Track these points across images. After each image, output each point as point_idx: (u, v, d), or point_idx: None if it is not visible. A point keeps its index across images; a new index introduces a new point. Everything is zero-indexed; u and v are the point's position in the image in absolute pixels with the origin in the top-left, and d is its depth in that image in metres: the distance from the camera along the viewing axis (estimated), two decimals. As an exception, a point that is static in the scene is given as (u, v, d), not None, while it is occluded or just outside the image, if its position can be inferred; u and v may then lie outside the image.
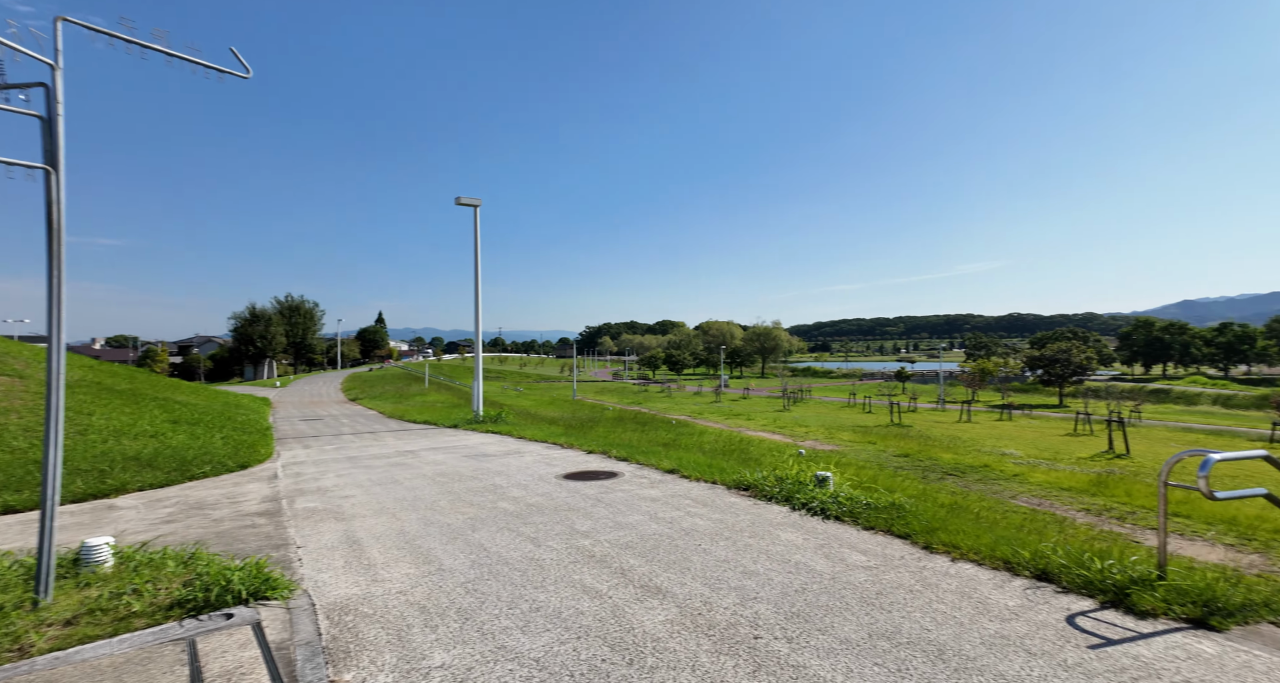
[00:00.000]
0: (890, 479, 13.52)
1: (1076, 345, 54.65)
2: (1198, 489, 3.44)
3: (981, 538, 4.65)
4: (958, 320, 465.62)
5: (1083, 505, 11.98)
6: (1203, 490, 3.40)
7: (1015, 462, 17.23)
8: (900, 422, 30.82)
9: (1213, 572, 3.94)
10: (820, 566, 4.27)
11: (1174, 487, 3.71)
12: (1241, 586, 3.64)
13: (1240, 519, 9.99)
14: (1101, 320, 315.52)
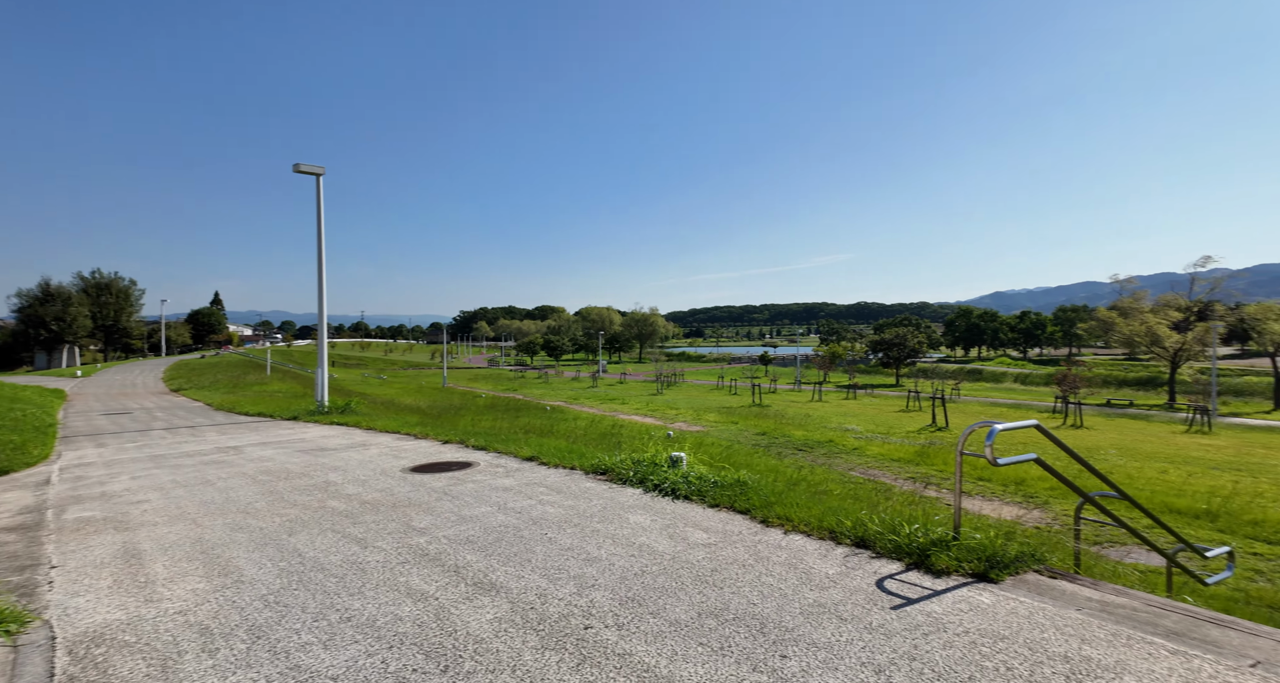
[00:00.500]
0: (747, 457, 14.29)
1: (910, 331, 61.47)
2: (985, 457, 3.83)
3: (812, 510, 4.93)
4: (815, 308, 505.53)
5: (908, 474, 13.41)
6: (988, 458, 3.79)
7: (856, 436, 18.92)
8: (761, 402, 32.86)
9: (995, 529, 4.45)
10: (663, 546, 4.28)
11: (969, 455, 4.12)
12: (1015, 540, 4.13)
13: (1028, 480, 11.70)
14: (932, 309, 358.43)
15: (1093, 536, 8.43)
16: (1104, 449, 17.20)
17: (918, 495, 10.22)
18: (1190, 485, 11.44)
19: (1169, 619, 3.04)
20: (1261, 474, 12.97)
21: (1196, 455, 16.42)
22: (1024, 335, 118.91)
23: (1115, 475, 12.19)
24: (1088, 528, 8.61)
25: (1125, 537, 7.17)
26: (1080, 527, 4.75)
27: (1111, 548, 7.96)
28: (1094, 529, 8.54)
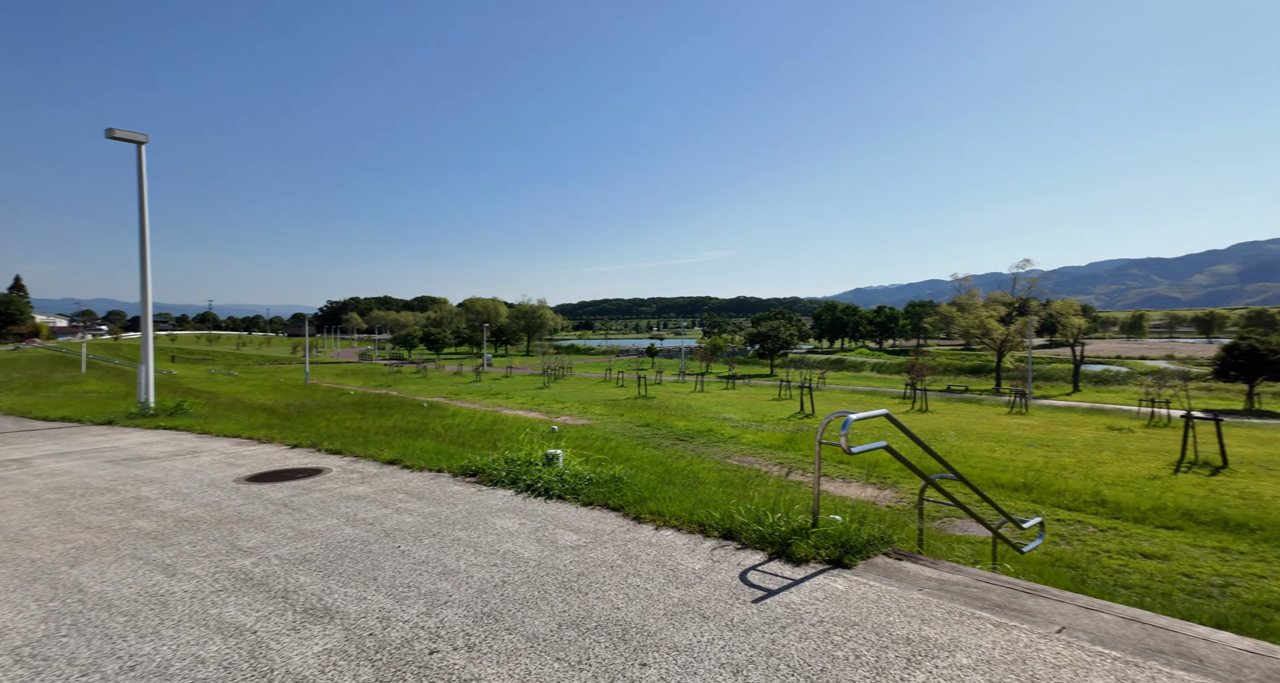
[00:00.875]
0: (630, 449, 14.35)
1: (783, 325, 65.42)
2: (840, 446, 3.98)
3: (683, 503, 4.91)
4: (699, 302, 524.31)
5: (778, 460, 14.13)
6: (843, 447, 3.94)
7: (733, 425, 19.67)
8: (646, 394, 33.37)
9: (851, 512, 4.68)
10: (530, 552, 4.04)
11: (827, 445, 4.27)
12: (868, 524, 4.36)
13: (882, 463, 12.72)
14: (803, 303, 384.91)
15: (938, 513, 9.31)
16: (944, 431, 19.22)
17: (785, 480, 10.77)
18: (1012, 461, 13.03)
19: (994, 593, 3.30)
20: (1064, 449, 15.13)
21: (1016, 434, 18.83)
22: (880, 328, 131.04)
23: (953, 456, 13.63)
24: (933, 506, 9.49)
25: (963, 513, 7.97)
26: (924, 507, 5.11)
27: (951, 522, 8.82)
28: (938, 507, 9.43)
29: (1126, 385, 47.21)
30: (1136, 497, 9.48)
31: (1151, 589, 6.11)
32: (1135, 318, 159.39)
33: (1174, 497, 9.56)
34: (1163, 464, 13.03)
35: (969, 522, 8.51)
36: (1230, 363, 36.17)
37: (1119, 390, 44.42)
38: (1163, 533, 7.88)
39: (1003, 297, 51.61)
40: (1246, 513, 8.32)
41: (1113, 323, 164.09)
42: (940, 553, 5.77)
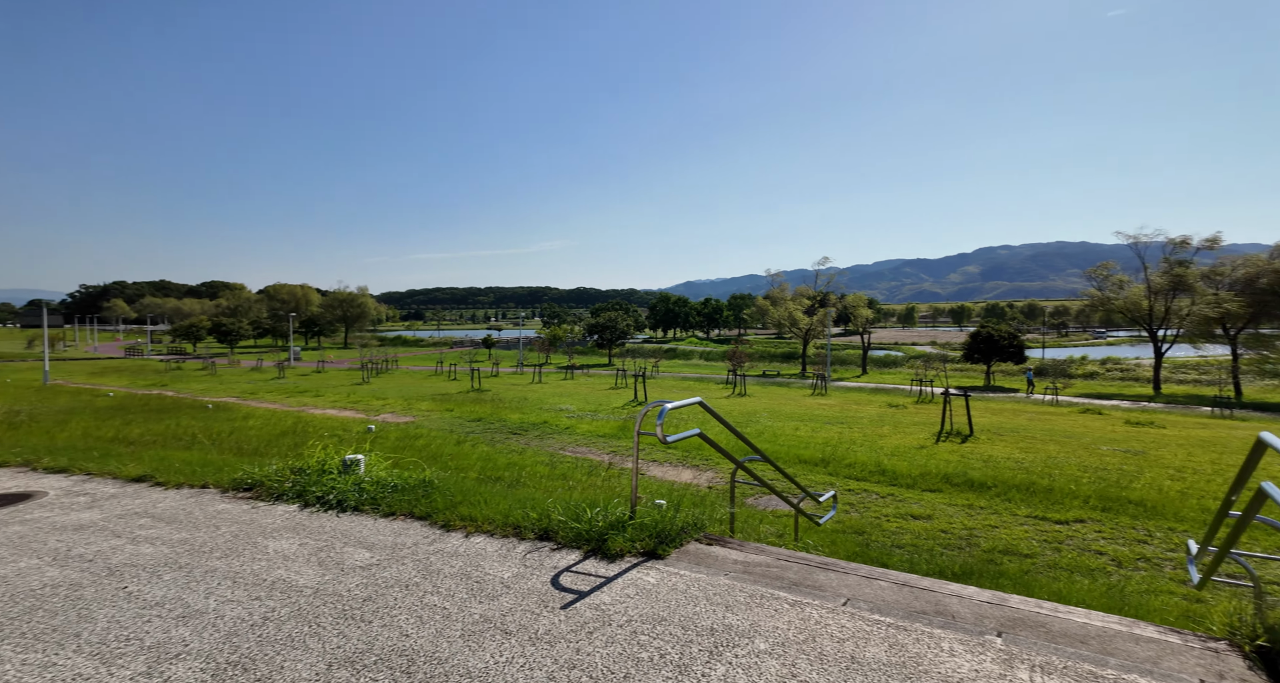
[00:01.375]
0: (457, 447, 13.54)
1: (621, 315, 67.01)
2: (656, 435, 3.93)
3: (499, 505, 4.58)
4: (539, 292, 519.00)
5: (611, 448, 14.27)
6: (659, 436, 3.89)
7: (569, 416, 19.54)
8: (480, 387, 32.05)
9: (670, 498, 4.70)
10: (307, 578, 3.44)
11: (644, 435, 4.21)
12: (683, 509, 4.40)
13: (705, 445, 13.39)
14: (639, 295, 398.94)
15: (753, 491, 9.98)
16: (759, 413, 20.92)
17: (617, 469, 10.87)
18: (813, 438, 14.49)
19: (791, 571, 3.46)
20: (854, 426, 17.24)
21: (818, 413, 21.09)
22: (708, 319, 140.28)
23: (764, 435, 14.84)
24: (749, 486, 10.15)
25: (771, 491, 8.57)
26: (738, 489, 5.30)
27: (761, 498, 9.51)
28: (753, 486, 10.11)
29: (902, 368, 55.63)
30: (909, 465, 11.00)
31: (919, 547, 7.04)
32: (908, 310, 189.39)
33: (936, 463, 11.26)
34: (928, 435, 15.38)
35: (776, 498, 9.25)
36: (974, 347, 44.20)
37: (896, 372, 52.18)
38: (927, 496, 9.19)
39: (807, 291, 57.84)
40: (986, 474, 10.05)
41: (892, 314, 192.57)
42: (750, 532, 6.11)
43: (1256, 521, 2.91)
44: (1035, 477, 9.93)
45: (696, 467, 11.57)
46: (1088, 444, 14.13)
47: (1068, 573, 6.17)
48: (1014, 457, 11.90)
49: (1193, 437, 16.60)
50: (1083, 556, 6.63)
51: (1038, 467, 10.82)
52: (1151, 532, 7.27)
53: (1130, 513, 7.95)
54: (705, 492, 9.39)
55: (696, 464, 11.79)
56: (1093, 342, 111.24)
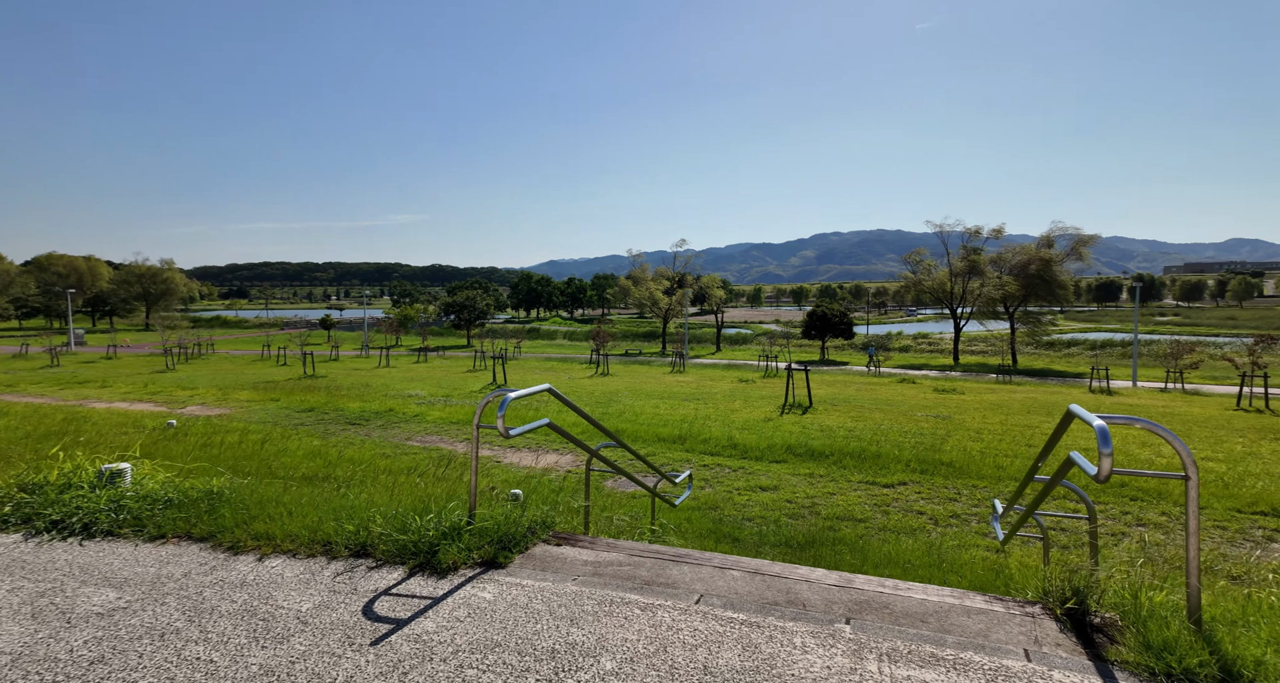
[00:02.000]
0: (280, 442, 11.90)
1: (480, 294, 64.20)
2: (496, 429, 3.47)
3: (307, 516, 3.85)
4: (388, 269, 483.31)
5: (466, 436, 13.44)
6: (500, 430, 3.44)
7: (419, 402, 18.19)
8: (314, 372, 28.88)
9: (521, 493, 4.26)
10: (7, 640, 2.56)
11: (485, 428, 3.73)
12: (532, 505, 4.00)
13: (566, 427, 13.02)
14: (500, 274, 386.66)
15: (613, 475, 9.84)
16: (621, 393, 21.01)
17: (466, 459, 10.17)
18: (672, 416, 14.76)
19: (645, 568, 3.21)
20: (709, 401, 17.90)
21: (676, 391, 21.67)
22: (571, 298, 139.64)
23: (626, 414, 14.85)
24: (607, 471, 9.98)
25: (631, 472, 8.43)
26: (602, 473, 4.98)
27: (621, 479, 9.39)
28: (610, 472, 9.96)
29: (751, 345, 59.50)
30: (757, 438, 11.51)
31: (767, 518, 7.30)
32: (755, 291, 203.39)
33: (781, 435, 11.91)
34: (774, 408, 16.35)
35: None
36: (811, 325, 48.32)
37: (746, 349, 55.66)
38: (774, 467, 9.63)
39: (666, 271, 59.48)
40: (824, 443, 10.79)
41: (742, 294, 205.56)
42: (606, 525, 5.87)
43: (1063, 485, 3.19)
44: (866, 444, 10.86)
45: (559, 450, 11.20)
46: (906, 411, 15.87)
47: (895, 535, 6.71)
48: (847, 426, 12.99)
49: (985, 401, 19.40)
50: (907, 517, 7.27)
51: (867, 434, 11.87)
52: (959, 490, 8.18)
53: (943, 474, 8.91)
54: (567, 477, 9.06)
55: (559, 448, 11.42)
56: (906, 319, 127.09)
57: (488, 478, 9.32)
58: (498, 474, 9.60)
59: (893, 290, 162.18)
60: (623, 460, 10.23)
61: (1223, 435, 11.91)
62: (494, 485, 8.78)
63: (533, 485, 8.58)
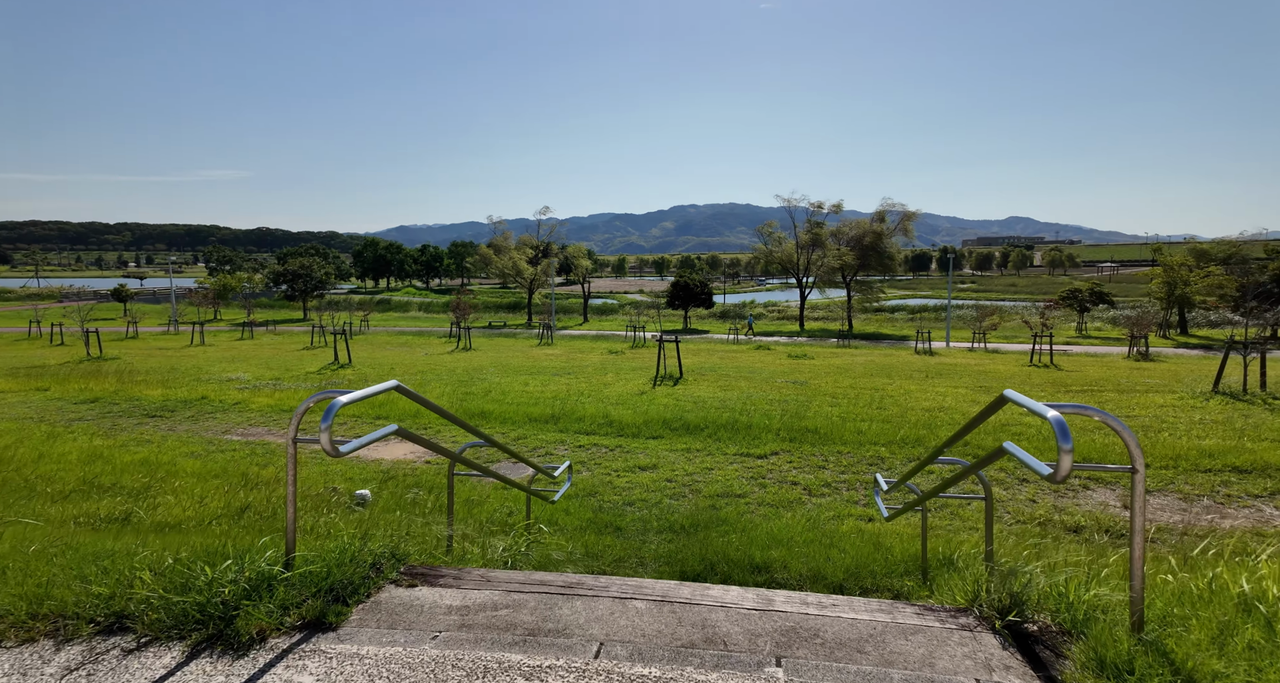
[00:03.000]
0: (43, 445, 9.45)
1: (317, 261, 57.63)
2: (321, 446, 2.59)
3: (28, 579, 2.71)
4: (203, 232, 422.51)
5: (302, 425, 11.68)
6: (325, 446, 2.57)
7: (241, 386, 15.70)
8: (101, 354, 23.97)
9: (369, 493, 3.40)
10: None
11: (304, 443, 2.82)
12: (380, 529, 3.18)
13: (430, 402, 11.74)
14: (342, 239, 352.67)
15: (484, 459, 8.95)
16: (486, 369, 19.78)
17: (308, 451, 8.71)
18: (543, 393, 14.02)
19: (527, 609, 2.58)
20: (580, 375, 17.38)
21: (545, 365, 20.86)
22: (426, 267, 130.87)
23: (492, 394, 13.85)
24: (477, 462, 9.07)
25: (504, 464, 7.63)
26: (455, 490, 4.19)
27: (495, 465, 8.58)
28: (481, 458, 9.06)
29: (617, 315, 59.81)
30: (632, 413, 11.20)
31: (649, 501, 6.96)
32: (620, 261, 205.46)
33: (655, 408, 11.71)
34: (645, 380, 16.22)
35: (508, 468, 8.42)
36: (675, 295, 49.49)
37: (613, 319, 55.85)
38: (651, 444, 9.36)
39: (530, 240, 57.47)
40: (698, 416, 10.74)
41: (606, 265, 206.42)
42: (476, 530, 5.11)
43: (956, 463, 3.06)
44: (737, 414, 10.98)
45: (421, 456, 10.01)
46: (767, 378, 16.53)
47: (775, 509, 6.68)
48: (718, 397, 13.15)
49: (832, 365, 20.92)
50: (783, 488, 7.31)
51: (737, 405, 12.06)
52: (826, 457, 8.44)
53: (810, 441, 9.18)
54: (426, 471, 8.05)
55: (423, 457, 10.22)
56: (757, 289, 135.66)
57: (326, 477, 8.03)
58: (338, 471, 8.33)
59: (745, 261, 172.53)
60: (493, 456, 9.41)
61: (1025, 390, 13.73)
62: (333, 486, 7.55)
63: (384, 485, 7.51)
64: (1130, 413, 10.55)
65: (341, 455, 2.64)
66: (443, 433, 10.66)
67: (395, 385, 3.15)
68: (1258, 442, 8.03)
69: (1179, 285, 36.18)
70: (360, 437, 2.88)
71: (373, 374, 18.01)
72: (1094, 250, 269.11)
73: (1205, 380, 14.93)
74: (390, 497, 7.07)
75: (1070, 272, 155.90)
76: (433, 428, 11.03)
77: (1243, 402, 11.18)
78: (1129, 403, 11.51)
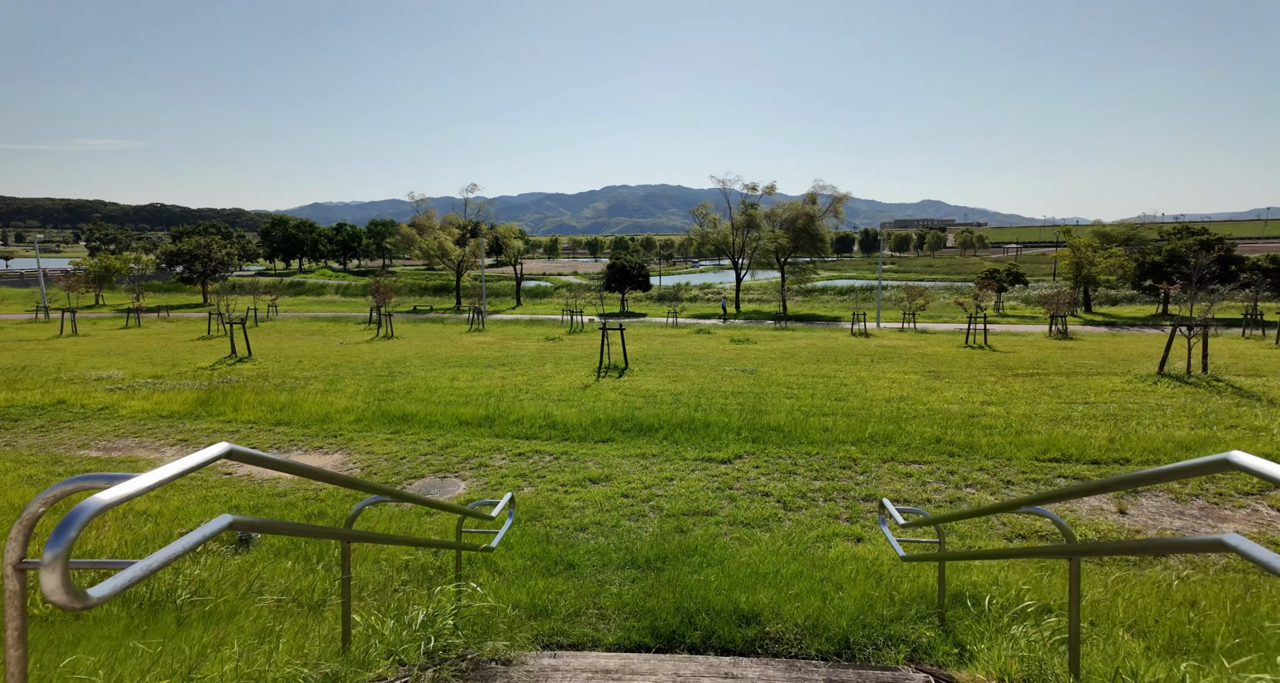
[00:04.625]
0: None
1: (217, 240, 52.40)
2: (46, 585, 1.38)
3: None
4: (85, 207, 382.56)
5: (182, 436, 9.88)
6: (52, 593, 1.36)
7: (111, 387, 13.43)
8: (-60, 351, 20.34)
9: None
10: None
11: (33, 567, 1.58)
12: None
13: (333, 414, 10.18)
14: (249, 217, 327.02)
15: (408, 475, 7.62)
16: (409, 360, 18.04)
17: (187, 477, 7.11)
18: (474, 389, 12.65)
19: None
20: (516, 367, 16.03)
21: (477, 354, 19.31)
22: (342, 247, 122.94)
23: (415, 392, 12.34)
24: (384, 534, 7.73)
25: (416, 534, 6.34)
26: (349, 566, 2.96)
27: (411, 483, 7.26)
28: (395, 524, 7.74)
29: (552, 298, 57.95)
30: (577, 412, 10.11)
31: (604, 524, 5.96)
32: (552, 241, 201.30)
33: (602, 405, 10.66)
34: (588, 371, 15.09)
35: (437, 480, 7.15)
36: (612, 278, 48.29)
37: (548, 302, 54.03)
38: (602, 449, 8.32)
39: (457, 219, 54.46)
40: (650, 414, 9.77)
41: (539, 246, 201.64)
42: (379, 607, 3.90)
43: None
44: (692, 411, 10.11)
45: (322, 449, 8.49)
46: (715, 366, 15.79)
47: (749, 528, 5.83)
48: (669, 389, 12.23)
49: (776, 350, 20.50)
50: (754, 501, 6.47)
51: (691, 399, 11.19)
52: (795, 460, 7.68)
53: (774, 441, 8.41)
54: (334, 494, 6.66)
55: (323, 445, 8.69)
56: (691, 270, 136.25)
57: (205, 504, 6.52)
58: (221, 497, 6.81)
59: (678, 243, 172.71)
60: (416, 459, 8.06)
61: (975, 375, 13.62)
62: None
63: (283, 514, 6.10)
64: (1087, 399, 10.45)
65: (91, 606, 1.44)
66: (360, 437, 9.16)
67: (227, 451, 1.93)
68: (1227, 431, 7.94)
69: (1085, 265, 38.41)
70: (170, 543, 1.66)
71: (275, 369, 15.95)
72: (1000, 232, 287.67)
73: (1140, 360, 15.43)
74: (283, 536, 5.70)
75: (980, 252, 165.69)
76: (345, 432, 9.50)
77: (1189, 384, 11.37)
78: (1082, 388, 11.49)
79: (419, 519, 6.26)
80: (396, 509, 6.52)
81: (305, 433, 9.74)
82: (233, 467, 8.24)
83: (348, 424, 10.08)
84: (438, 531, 5.98)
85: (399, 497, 3.10)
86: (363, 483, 2.79)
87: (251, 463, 2.05)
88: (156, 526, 5.78)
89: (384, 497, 3.06)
